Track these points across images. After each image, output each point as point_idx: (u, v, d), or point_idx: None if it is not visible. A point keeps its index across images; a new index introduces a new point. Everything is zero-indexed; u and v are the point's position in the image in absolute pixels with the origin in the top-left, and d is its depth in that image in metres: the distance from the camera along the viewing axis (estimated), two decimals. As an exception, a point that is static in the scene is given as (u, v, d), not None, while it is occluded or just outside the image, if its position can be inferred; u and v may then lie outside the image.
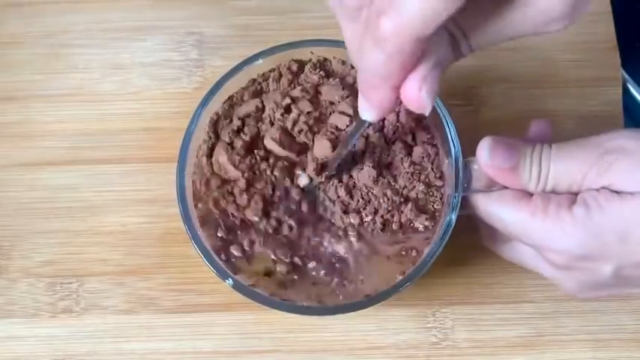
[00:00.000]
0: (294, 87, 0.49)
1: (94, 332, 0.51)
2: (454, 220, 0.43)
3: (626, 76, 0.62)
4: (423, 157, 0.47)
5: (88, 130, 0.55)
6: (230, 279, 0.44)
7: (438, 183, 0.46)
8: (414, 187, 0.46)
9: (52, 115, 0.56)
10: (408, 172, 0.46)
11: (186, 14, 0.58)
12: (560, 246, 0.41)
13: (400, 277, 0.45)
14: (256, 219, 0.46)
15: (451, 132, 0.45)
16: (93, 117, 0.56)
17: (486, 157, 0.42)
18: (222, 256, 0.45)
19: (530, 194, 0.42)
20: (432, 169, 0.47)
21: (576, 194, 0.41)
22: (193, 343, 0.51)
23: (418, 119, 0.48)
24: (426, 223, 0.45)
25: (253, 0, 0.59)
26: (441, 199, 0.46)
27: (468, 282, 0.51)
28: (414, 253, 0.45)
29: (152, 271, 0.52)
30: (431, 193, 0.46)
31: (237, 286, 0.44)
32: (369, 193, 0.46)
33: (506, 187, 0.43)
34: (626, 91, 0.59)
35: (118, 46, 0.58)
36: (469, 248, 0.51)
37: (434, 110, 0.46)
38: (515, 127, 0.55)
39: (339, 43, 0.47)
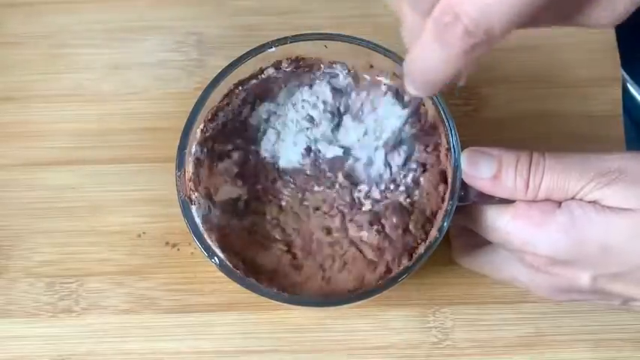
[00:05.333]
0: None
1: (94, 332, 0.51)
2: (446, 227, 0.44)
3: (626, 76, 0.62)
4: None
5: (88, 130, 0.55)
6: (216, 258, 0.44)
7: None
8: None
9: (52, 115, 0.56)
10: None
11: (186, 14, 0.58)
12: (542, 250, 0.42)
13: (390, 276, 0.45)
14: None
15: (453, 140, 0.45)
16: (93, 117, 0.56)
17: (465, 167, 0.43)
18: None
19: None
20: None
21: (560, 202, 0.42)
22: (193, 343, 0.51)
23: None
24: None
25: (253, 0, 0.59)
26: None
27: (468, 282, 0.51)
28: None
29: (152, 271, 0.52)
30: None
31: (223, 267, 0.44)
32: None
33: (506, 200, 0.43)
34: (626, 91, 0.59)
35: (118, 46, 0.58)
36: (469, 248, 0.51)
37: (440, 119, 0.46)
38: (516, 127, 0.55)
39: (355, 40, 0.47)
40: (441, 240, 0.44)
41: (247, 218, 0.48)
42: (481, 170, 0.42)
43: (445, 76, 0.34)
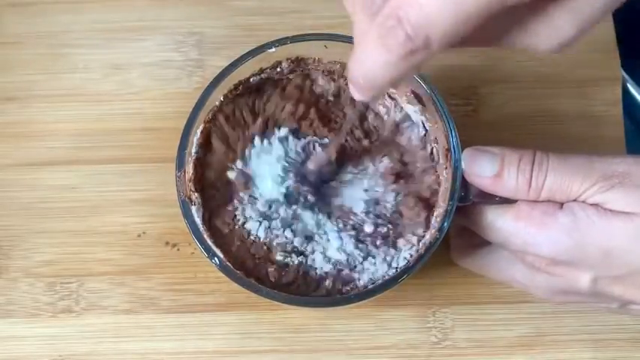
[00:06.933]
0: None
1: (94, 332, 0.51)
2: (446, 227, 0.44)
3: (626, 76, 0.62)
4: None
5: (88, 130, 0.55)
6: (216, 258, 0.44)
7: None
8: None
9: (52, 115, 0.56)
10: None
11: (187, 14, 0.58)
12: (544, 251, 0.42)
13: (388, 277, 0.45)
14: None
15: (454, 141, 0.45)
16: (93, 117, 0.56)
17: (467, 166, 0.43)
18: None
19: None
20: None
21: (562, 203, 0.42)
22: (193, 342, 0.51)
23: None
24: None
25: (253, 0, 0.59)
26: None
27: (468, 282, 0.51)
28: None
29: (152, 271, 0.52)
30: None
31: (223, 267, 0.44)
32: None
33: (507, 200, 0.43)
34: (626, 91, 0.59)
35: (118, 46, 0.58)
36: (469, 248, 0.51)
37: (440, 119, 0.46)
38: (515, 127, 0.55)
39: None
40: (441, 240, 0.44)
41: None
42: (483, 168, 0.42)
43: (385, 80, 0.34)
